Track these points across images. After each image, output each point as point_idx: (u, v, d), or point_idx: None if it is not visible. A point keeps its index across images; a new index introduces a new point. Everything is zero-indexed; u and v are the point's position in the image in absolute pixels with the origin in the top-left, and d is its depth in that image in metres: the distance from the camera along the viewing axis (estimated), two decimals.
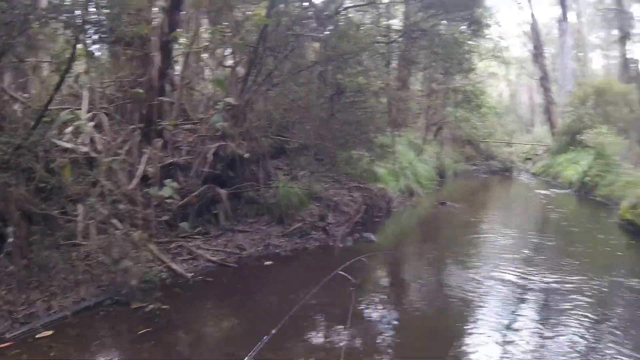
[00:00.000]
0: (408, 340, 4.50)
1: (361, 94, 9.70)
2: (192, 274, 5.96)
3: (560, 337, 4.38)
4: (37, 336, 4.20)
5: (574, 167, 17.61)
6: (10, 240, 4.81)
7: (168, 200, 6.38)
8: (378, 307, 5.36)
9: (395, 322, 4.88)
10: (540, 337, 4.50)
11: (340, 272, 5.70)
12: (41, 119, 5.28)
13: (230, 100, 7.51)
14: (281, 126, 9.29)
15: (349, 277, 5.71)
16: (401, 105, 15.70)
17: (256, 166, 8.39)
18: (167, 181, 6.40)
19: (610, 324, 4.75)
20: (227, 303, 5.46)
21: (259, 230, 7.73)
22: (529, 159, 29.72)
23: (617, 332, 4.53)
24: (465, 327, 4.77)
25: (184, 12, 8.24)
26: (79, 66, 7.16)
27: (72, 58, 5.30)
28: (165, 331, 4.46)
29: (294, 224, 8.01)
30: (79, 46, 5.60)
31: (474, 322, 4.89)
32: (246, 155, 7.80)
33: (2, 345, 4.01)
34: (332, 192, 9.68)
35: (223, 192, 7.43)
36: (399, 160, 13.51)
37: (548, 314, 5.09)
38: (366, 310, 5.16)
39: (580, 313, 4.94)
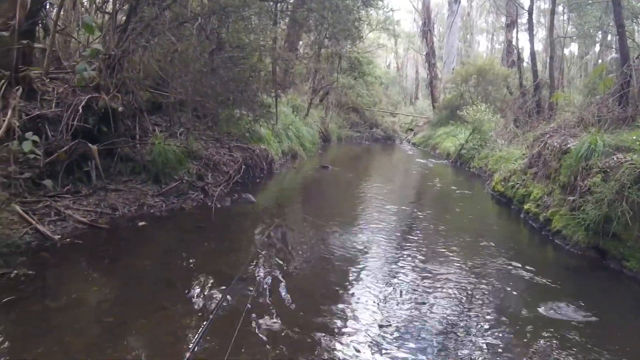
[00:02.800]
0: (294, 296, 4.47)
1: (241, 50, 9.32)
2: (60, 236, 5.51)
3: (439, 301, 4.60)
4: None
5: (452, 139, 18.79)
6: None
7: (31, 156, 5.77)
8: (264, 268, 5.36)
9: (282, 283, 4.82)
10: (419, 298, 4.69)
11: None
12: None
13: (98, 47, 6.90)
14: (159, 80, 8.76)
15: None
16: (286, 66, 15.57)
17: (132, 121, 7.92)
18: (28, 134, 5.78)
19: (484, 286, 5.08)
20: (99, 267, 5.10)
21: (133, 190, 7.31)
22: (411, 129, 31.34)
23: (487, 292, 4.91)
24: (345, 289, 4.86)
25: None
26: None
27: None
28: (31, 299, 4.07)
29: (171, 183, 7.74)
30: None
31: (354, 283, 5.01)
32: (121, 108, 7.34)
33: None
34: (211, 151, 9.44)
35: (94, 148, 6.83)
36: (281, 122, 13.52)
37: (426, 278, 5.22)
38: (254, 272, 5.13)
39: (456, 279, 5.25)
